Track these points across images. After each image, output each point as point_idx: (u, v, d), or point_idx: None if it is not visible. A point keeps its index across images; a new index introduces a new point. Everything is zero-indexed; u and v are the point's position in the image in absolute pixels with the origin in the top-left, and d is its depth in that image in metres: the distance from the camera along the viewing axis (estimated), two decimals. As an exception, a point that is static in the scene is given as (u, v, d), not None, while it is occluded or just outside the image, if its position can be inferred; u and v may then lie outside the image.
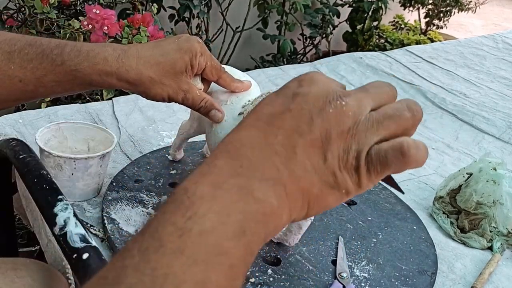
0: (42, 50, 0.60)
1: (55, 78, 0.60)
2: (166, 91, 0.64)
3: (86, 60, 0.60)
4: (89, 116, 1.02)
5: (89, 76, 0.60)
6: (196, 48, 0.65)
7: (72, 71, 0.60)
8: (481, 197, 0.82)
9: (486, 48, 1.89)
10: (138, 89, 0.63)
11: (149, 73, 0.62)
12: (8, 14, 1.40)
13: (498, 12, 5.52)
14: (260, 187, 0.34)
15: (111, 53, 0.61)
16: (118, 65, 0.61)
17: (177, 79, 0.64)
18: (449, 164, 1.06)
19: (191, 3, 2.14)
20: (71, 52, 0.60)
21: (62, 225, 0.53)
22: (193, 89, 0.66)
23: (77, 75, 0.60)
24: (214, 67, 0.68)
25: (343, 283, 0.66)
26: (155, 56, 0.63)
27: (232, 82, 0.70)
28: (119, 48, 0.62)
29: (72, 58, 0.60)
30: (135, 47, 0.63)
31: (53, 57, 0.60)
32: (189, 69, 0.65)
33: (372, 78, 1.47)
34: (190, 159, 0.89)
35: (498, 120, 1.28)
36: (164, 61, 0.63)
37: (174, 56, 0.63)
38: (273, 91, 0.40)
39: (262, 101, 0.39)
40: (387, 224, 0.81)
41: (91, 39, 1.24)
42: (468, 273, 0.75)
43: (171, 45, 0.64)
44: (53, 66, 0.59)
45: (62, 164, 0.72)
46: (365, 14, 2.85)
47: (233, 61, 2.54)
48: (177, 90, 0.64)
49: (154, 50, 0.63)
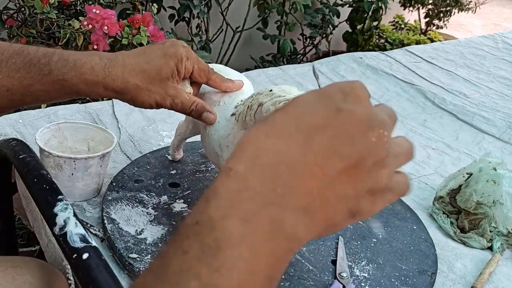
0: (30, 59, 0.60)
1: (43, 87, 0.60)
2: (153, 97, 0.64)
3: (73, 69, 0.60)
4: (89, 116, 1.02)
5: (76, 86, 0.61)
6: (181, 53, 0.65)
7: (59, 81, 0.60)
8: (481, 197, 0.82)
9: (486, 48, 1.89)
10: (125, 97, 0.64)
11: (134, 80, 0.62)
12: (8, 14, 1.40)
13: (498, 12, 5.52)
14: (291, 219, 0.30)
15: (98, 63, 0.61)
16: (104, 75, 0.61)
17: (163, 85, 0.64)
18: (449, 164, 1.06)
19: (191, 3, 2.14)
20: (58, 62, 0.61)
21: (62, 225, 0.53)
22: (181, 94, 0.66)
23: (64, 85, 0.61)
24: (202, 70, 0.68)
25: (343, 283, 0.66)
26: (140, 64, 0.63)
27: (222, 82, 0.70)
28: (106, 57, 0.62)
29: (59, 68, 0.60)
30: (121, 56, 0.64)
31: (40, 67, 0.60)
32: (176, 74, 0.65)
33: (372, 78, 1.48)
34: (190, 159, 0.89)
35: (498, 120, 1.28)
36: (149, 68, 0.63)
37: (159, 62, 0.64)
38: (312, 92, 0.35)
39: (300, 102, 0.34)
40: (387, 224, 0.81)
41: (91, 39, 1.24)
42: (468, 273, 0.75)
43: (156, 51, 0.65)
44: (40, 75, 0.60)
45: (62, 164, 0.72)
46: (365, 14, 2.85)
47: (233, 61, 2.55)
48: (164, 96, 0.64)
49: (139, 57, 0.64)
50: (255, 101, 0.60)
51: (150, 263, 0.31)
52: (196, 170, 0.86)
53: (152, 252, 0.67)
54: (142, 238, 0.69)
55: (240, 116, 0.63)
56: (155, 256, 0.30)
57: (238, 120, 0.64)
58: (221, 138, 0.68)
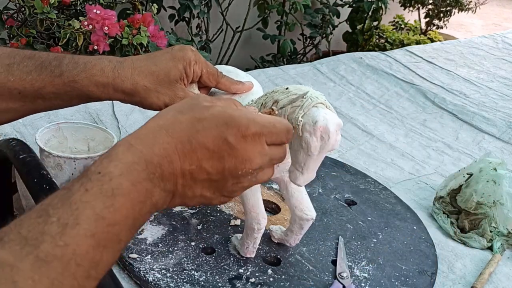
0: (41, 62, 0.61)
1: (54, 89, 0.61)
2: (162, 99, 0.64)
3: (83, 71, 0.61)
4: (89, 116, 1.02)
5: (86, 88, 0.62)
6: (190, 57, 0.65)
7: (70, 82, 0.61)
8: (481, 197, 0.82)
9: (486, 48, 1.89)
10: (134, 99, 0.64)
11: (144, 82, 0.63)
12: (8, 14, 1.40)
13: (498, 12, 5.52)
14: (159, 194, 0.44)
15: (107, 65, 0.62)
16: (114, 76, 0.62)
17: (172, 87, 0.65)
18: (449, 164, 1.06)
19: (191, 3, 2.13)
20: (69, 64, 0.61)
21: (62, 225, 0.53)
22: (190, 96, 0.66)
23: (75, 87, 0.61)
24: (210, 74, 0.68)
25: (343, 283, 0.66)
26: (149, 66, 0.64)
27: (232, 84, 0.70)
28: (115, 60, 0.63)
29: (70, 70, 0.61)
30: (130, 59, 0.64)
31: (51, 69, 0.61)
32: (184, 77, 0.65)
33: (372, 78, 1.48)
34: (190, 159, 0.89)
35: (498, 120, 1.28)
36: (158, 70, 0.64)
37: (168, 65, 0.64)
38: (220, 115, 0.47)
39: (207, 118, 0.47)
40: (387, 224, 0.81)
41: (92, 39, 1.24)
42: (468, 273, 0.75)
43: (165, 55, 0.66)
44: (51, 77, 0.61)
45: (62, 164, 0.72)
46: (365, 14, 2.85)
47: (233, 61, 2.54)
48: (174, 97, 0.65)
49: (148, 60, 0.65)
50: (270, 98, 0.60)
51: (57, 190, 0.40)
52: (196, 170, 0.86)
53: (152, 252, 0.67)
54: (142, 238, 0.69)
55: None
56: (62, 187, 0.41)
57: None
58: None
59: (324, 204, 0.84)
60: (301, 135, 0.55)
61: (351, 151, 1.07)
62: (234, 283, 0.64)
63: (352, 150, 1.08)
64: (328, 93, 1.34)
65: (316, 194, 0.86)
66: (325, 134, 0.54)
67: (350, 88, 1.40)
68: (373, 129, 1.18)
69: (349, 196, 0.87)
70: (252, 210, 0.65)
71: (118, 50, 1.28)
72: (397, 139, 1.15)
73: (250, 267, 0.67)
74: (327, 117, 0.55)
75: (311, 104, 0.56)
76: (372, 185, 0.92)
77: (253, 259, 0.69)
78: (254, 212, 0.65)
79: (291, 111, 0.56)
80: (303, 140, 0.55)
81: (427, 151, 1.11)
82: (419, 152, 1.10)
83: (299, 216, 0.67)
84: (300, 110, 0.56)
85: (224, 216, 0.77)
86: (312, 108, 0.55)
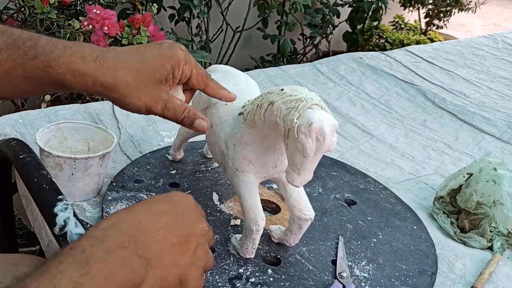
0: (14, 40, 0.54)
1: (25, 73, 0.54)
2: (144, 100, 0.58)
3: (61, 56, 0.55)
4: (89, 116, 1.02)
5: (62, 75, 0.55)
6: (180, 56, 0.60)
7: (45, 67, 0.54)
8: (481, 197, 0.82)
9: (486, 48, 1.89)
10: (113, 94, 0.58)
11: (126, 78, 0.57)
12: (8, 14, 1.40)
13: (498, 12, 5.52)
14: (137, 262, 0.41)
15: (89, 53, 0.56)
16: (95, 67, 0.56)
17: (156, 88, 0.59)
18: (449, 164, 1.07)
19: (191, 3, 2.13)
20: (45, 46, 0.55)
21: (62, 225, 0.53)
22: (174, 99, 0.61)
23: (50, 72, 0.55)
24: (200, 75, 0.63)
25: (343, 283, 0.66)
26: (134, 61, 0.58)
27: (219, 89, 0.65)
28: (98, 49, 0.57)
29: (46, 53, 0.54)
30: (114, 50, 0.59)
31: (25, 49, 0.54)
32: (170, 78, 0.60)
33: (372, 78, 1.48)
34: (190, 159, 0.89)
35: (498, 120, 1.28)
36: (143, 68, 0.58)
37: (155, 63, 0.59)
38: (179, 205, 0.48)
39: (173, 208, 0.47)
40: (387, 224, 0.81)
41: (91, 39, 1.24)
42: (468, 273, 0.75)
43: (153, 51, 0.60)
44: (24, 59, 0.54)
45: (62, 164, 0.72)
46: (365, 14, 2.85)
47: (233, 61, 2.54)
48: (157, 99, 0.59)
49: (133, 55, 0.59)
50: (265, 99, 0.60)
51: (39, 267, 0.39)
52: (196, 170, 0.87)
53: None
54: (142, 238, 0.69)
55: (249, 115, 0.63)
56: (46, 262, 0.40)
57: (246, 119, 0.64)
58: (227, 136, 0.68)
59: (324, 204, 0.84)
60: (296, 137, 0.55)
61: (351, 151, 1.07)
62: (234, 283, 0.64)
63: (352, 150, 1.08)
64: (328, 93, 1.34)
65: (316, 194, 0.86)
66: (320, 136, 0.54)
67: (350, 88, 1.40)
68: (373, 129, 1.18)
69: (349, 196, 0.87)
70: (250, 211, 0.65)
71: (118, 50, 1.28)
72: (397, 139, 1.15)
73: (250, 267, 0.67)
74: (322, 118, 0.54)
75: (306, 106, 0.56)
76: (372, 185, 0.92)
77: (253, 259, 0.69)
78: (253, 213, 0.65)
79: (286, 113, 0.56)
80: (299, 142, 0.55)
81: (427, 151, 1.11)
82: (419, 152, 1.10)
83: (298, 216, 0.67)
84: (295, 112, 0.56)
85: (224, 216, 0.77)
86: (307, 110, 0.55)
